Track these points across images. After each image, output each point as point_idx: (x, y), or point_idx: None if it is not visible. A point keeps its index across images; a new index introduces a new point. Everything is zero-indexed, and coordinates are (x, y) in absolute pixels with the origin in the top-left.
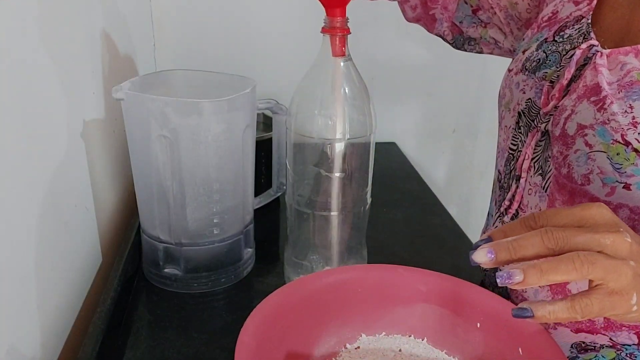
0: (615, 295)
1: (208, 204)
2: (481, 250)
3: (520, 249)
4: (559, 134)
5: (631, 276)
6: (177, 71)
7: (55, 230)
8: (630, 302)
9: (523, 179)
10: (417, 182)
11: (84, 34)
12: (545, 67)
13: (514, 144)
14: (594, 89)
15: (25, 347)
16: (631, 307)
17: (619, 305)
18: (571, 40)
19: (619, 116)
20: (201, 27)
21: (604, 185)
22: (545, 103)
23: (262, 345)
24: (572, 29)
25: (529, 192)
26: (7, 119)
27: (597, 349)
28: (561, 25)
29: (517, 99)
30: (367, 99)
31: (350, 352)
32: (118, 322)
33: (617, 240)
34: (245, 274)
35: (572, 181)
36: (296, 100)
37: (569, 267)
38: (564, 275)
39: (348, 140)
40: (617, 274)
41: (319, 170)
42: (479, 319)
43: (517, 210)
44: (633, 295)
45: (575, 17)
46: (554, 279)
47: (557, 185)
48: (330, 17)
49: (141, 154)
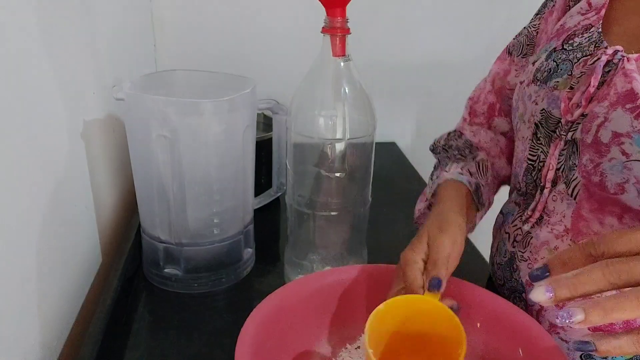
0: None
1: (208, 204)
2: (539, 288)
3: (581, 286)
4: (591, 142)
5: None
6: (177, 71)
7: (55, 230)
8: None
9: (547, 189)
10: (417, 182)
11: (84, 34)
12: (557, 76)
13: (532, 154)
14: (628, 95)
15: (25, 347)
16: None
17: None
18: (582, 48)
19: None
20: (201, 27)
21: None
22: (566, 111)
23: (262, 345)
24: (582, 37)
25: (553, 198)
26: (7, 119)
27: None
28: (569, 34)
29: (531, 110)
30: (367, 99)
31: (350, 352)
32: (118, 322)
33: None
34: (245, 274)
35: (604, 190)
36: (296, 101)
37: (633, 304)
38: (630, 313)
39: (348, 141)
40: None
41: (319, 171)
42: (479, 319)
43: (541, 215)
44: None
45: (584, 26)
46: (618, 318)
47: (587, 193)
48: (330, 17)
49: (141, 154)
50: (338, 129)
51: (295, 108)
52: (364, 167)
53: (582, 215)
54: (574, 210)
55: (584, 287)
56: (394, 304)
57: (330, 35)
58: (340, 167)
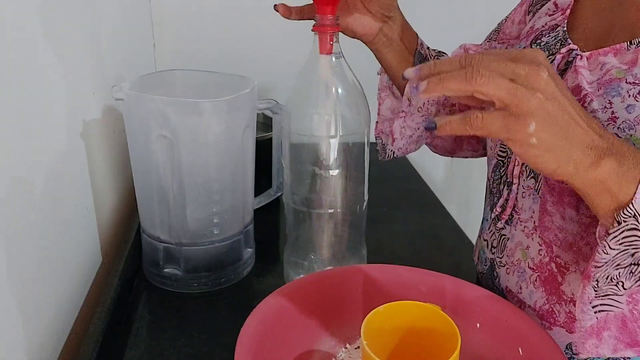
0: (511, 118)
1: (208, 204)
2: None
3: (439, 65)
4: None
5: (535, 106)
6: (177, 71)
7: (55, 230)
8: (527, 130)
9: (515, 185)
10: (417, 182)
11: (84, 34)
12: None
13: (502, 151)
14: (574, 90)
15: (25, 347)
16: (529, 137)
17: (514, 129)
18: (548, 47)
19: (599, 113)
20: (201, 27)
21: None
22: None
23: (262, 345)
24: (549, 36)
25: (522, 195)
26: (7, 119)
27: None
28: (537, 35)
29: None
30: (360, 97)
31: (350, 352)
32: (118, 322)
33: (532, 73)
34: (245, 274)
35: (560, 181)
36: (290, 99)
37: (462, 77)
38: (456, 83)
39: (340, 138)
40: (519, 99)
41: (313, 169)
42: (479, 319)
43: (512, 213)
44: (531, 123)
45: (551, 26)
46: (448, 87)
47: (548, 187)
48: (320, 15)
49: (141, 154)
50: (329, 127)
51: (287, 107)
52: (358, 164)
53: (547, 210)
54: (541, 204)
55: (441, 66)
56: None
57: (320, 33)
58: (333, 165)
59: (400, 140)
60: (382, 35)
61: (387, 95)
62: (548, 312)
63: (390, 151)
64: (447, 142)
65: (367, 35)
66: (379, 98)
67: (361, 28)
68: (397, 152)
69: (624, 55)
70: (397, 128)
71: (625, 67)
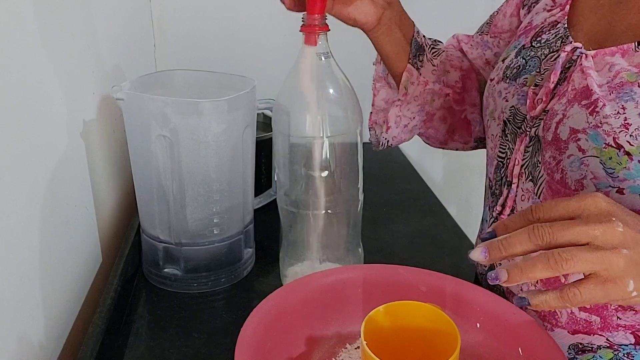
0: (608, 284)
1: (208, 204)
2: (477, 249)
3: (510, 247)
4: (552, 139)
5: (624, 264)
6: (177, 71)
7: (55, 230)
8: (627, 289)
9: (514, 185)
10: (417, 182)
11: (84, 34)
12: (526, 73)
13: (502, 152)
14: (583, 92)
15: (25, 347)
16: (629, 294)
17: (613, 293)
18: (549, 45)
19: (612, 119)
20: (201, 27)
21: (598, 191)
22: (531, 107)
23: (262, 345)
24: (549, 33)
25: (522, 198)
26: (7, 119)
27: (594, 349)
28: (537, 31)
29: (501, 107)
30: (350, 96)
31: (350, 352)
32: (118, 322)
33: (608, 231)
34: (245, 274)
35: (566, 187)
36: (279, 100)
37: (543, 265)
38: (541, 272)
39: (330, 138)
40: (606, 264)
41: (303, 170)
42: (479, 319)
43: (511, 214)
44: (629, 282)
45: (550, 23)
46: (533, 277)
47: (551, 191)
48: (309, 14)
49: (141, 154)
50: (316, 127)
51: (278, 107)
52: (350, 164)
53: None
54: None
55: (512, 248)
56: (392, 307)
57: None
58: (324, 165)
59: (395, 128)
60: (382, 23)
61: (382, 85)
62: (550, 313)
63: (385, 139)
64: (439, 132)
65: (369, 23)
66: (374, 89)
67: (362, 16)
68: (391, 141)
69: (633, 57)
70: (392, 116)
71: (636, 71)
